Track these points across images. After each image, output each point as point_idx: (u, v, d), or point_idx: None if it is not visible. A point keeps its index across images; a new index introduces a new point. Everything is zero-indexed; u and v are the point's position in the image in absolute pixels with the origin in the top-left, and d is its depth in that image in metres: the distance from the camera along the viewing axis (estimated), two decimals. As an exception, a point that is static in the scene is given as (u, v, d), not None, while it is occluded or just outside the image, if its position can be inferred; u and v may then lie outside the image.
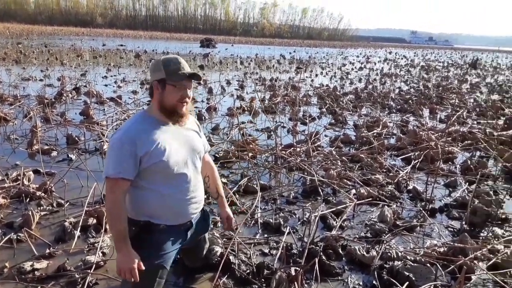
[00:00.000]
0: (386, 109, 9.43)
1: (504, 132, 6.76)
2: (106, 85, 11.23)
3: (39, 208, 3.49)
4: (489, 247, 2.96)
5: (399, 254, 2.85)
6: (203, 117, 7.71)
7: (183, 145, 1.95)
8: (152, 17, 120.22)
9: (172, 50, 29.33)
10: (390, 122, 7.60)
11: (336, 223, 3.40)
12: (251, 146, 5.43)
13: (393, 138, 6.66)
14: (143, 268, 1.83)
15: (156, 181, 1.90)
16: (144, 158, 1.82)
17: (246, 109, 8.63)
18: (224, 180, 4.27)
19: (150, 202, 1.92)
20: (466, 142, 6.23)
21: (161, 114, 1.90)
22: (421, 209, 3.77)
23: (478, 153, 5.94)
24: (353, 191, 4.14)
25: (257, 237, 3.19)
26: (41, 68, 13.84)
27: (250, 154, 5.09)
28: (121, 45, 32.22)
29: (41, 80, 11.45)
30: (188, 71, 1.86)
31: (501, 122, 7.95)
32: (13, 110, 7.19)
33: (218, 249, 2.66)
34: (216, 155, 5.24)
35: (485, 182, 4.74)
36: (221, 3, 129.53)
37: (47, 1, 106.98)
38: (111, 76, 13.35)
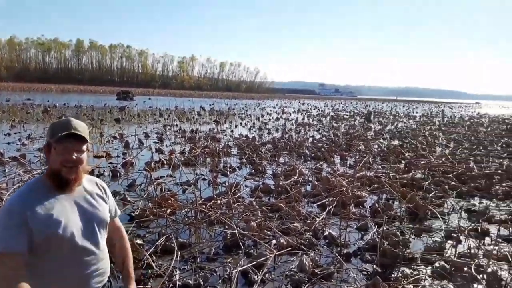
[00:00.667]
0: (302, 157, 9.91)
1: (405, 175, 7.47)
2: (8, 143, 10.26)
3: None
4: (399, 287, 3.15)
5: (319, 303, 2.89)
6: (119, 174, 7.36)
7: (81, 214, 1.81)
8: (64, 70, 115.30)
9: (86, 103, 28.14)
10: (305, 169, 7.97)
11: (257, 277, 3.37)
12: (169, 201, 5.28)
13: (309, 185, 6.97)
14: None
15: (52, 255, 1.72)
16: (36, 231, 1.65)
17: (165, 162, 8.45)
18: (140, 241, 4.04)
19: (46, 279, 1.73)
20: (373, 186, 6.75)
21: (51, 179, 1.77)
22: (337, 254, 3.92)
23: (384, 196, 6.45)
24: (274, 241, 4.18)
25: (175, 301, 3.02)
26: None
27: (168, 211, 4.93)
28: (28, 99, 30.04)
29: None
30: (70, 132, 1.71)
31: (402, 165, 8.80)
32: None
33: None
34: (132, 213, 4.98)
35: (392, 224, 5.12)
36: (139, 57, 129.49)
37: None
38: (15, 133, 12.28)
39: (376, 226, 4.93)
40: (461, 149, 11.95)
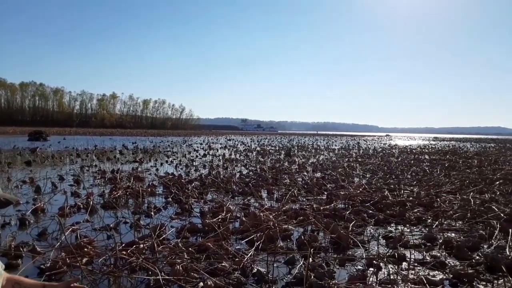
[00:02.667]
0: (230, 193, 9.86)
1: (328, 206, 7.77)
2: None
3: None
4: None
5: None
6: (27, 222, 6.64)
7: None
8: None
9: (-9, 145, 25.44)
10: (233, 206, 7.92)
11: (183, 325, 3.16)
12: (86, 249, 4.85)
13: (237, 221, 6.90)
14: None
15: None
16: None
17: (82, 206, 7.83)
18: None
19: None
20: (299, 218, 6.89)
21: None
22: (266, 292, 3.86)
23: (309, 228, 6.61)
24: (201, 284, 4.00)
25: None
26: None
27: (84, 260, 4.52)
28: None
29: None
30: None
31: (324, 197, 9.17)
32: None
33: None
34: (42, 266, 4.47)
35: (318, 255, 5.22)
36: (53, 95, 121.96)
37: None
38: None
39: (303, 258, 4.99)
40: (376, 178, 12.84)
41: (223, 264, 4.57)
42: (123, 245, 5.12)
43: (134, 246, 5.02)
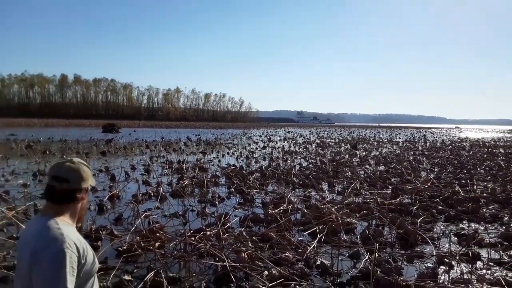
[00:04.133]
0: (290, 185, 9.90)
1: (393, 201, 7.51)
2: (-10, 180, 10.01)
3: None
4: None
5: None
6: (105, 207, 7.22)
7: None
8: (48, 105, 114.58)
9: (71, 137, 27.85)
10: (294, 197, 7.95)
11: (250, 310, 3.28)
12: (158, 234, 5.17)
13: (298, 213, 6.94)
14: None
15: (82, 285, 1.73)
16: (83, 266, 1.69)
17: (152, 194, 8.33)
18: (128, 277, 3.92)
19: None
20: (362, 212, 6.75)
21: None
22: (331, 284, 3.86)
23: (374, 222, 6.45)
24: (266, 272, 4.10)
25: None
26: None
27: (157, 244, 4.82)
28: (12, 135, 29.58)
29: None
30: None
31: (389, 191, 8.87)
32: None
33: None
34: (119, 248, 4.85)
35: (384, 250, 5.09)
36: (123, 90, 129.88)
37: None
38: (-3, 169, 12.01)
39: (368, 253, 4.89)
40: (446, 173, 12.13)
41: (286, 254, 4.64)
42: (191, 231, 5.39)
43: (202, 233, 5.26)
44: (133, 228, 5.65)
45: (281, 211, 6.71)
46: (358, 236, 5.65)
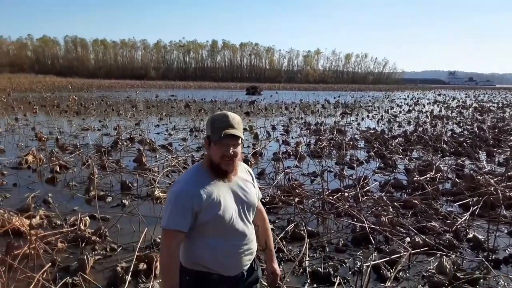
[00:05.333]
0: (439, 152, 9.03)
1: None
2: (158, 133, 11.81)
3: (93, 252, 3.63)
4: None
5: (463, 310, 2.61)
6: (249, 163, 7.80)
7: (236, 199, 1.95)
8: (200, 69, 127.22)
9: (220, 98, 30.53)
10: (444, 166, 7.24)
11: (390, 273, 3.21)
12: (297, 191, 5.39)
13: (448, 183, 6.32)
14: None
15: (210, 234, 1.93)
16: (200, 213, 1.87)
17: (291, 153, 8.65)
18: (271, 226, 4.21)
19: (203, 254, 1.94)
20: (532, 187, 5.75)
21: (212, 169, 1.97)
22: (484, 260, 3.47)
23: (546, 199, 5.44)
24: (408, 239, 3.91)
25: (305, 286, 3.07)
26: (99, 119, 14.89)
27: (296, 199, 5.04)
28: (172, 96, 34.07)
29: (99, 130, 12.29)
30: (227, 132, 1.84)
31: None
32: (73, 158, 7.71)
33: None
34: (262, 200, 5.22)
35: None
36: (266, 53, 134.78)
37: (106, 58, 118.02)
38: (163, 124, 14.05)
39: (535, 233, 4.21)
40: None
41: (432, 223, 4.32)
42: (329, 191, 5.45)
43: (340, 193, 5.27)
44: (275, 182, 6.00)
45: (428, 179, 6.21)
46: (523, 214, 4.87)
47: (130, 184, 5.89)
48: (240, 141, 1.89)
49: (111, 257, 3.59)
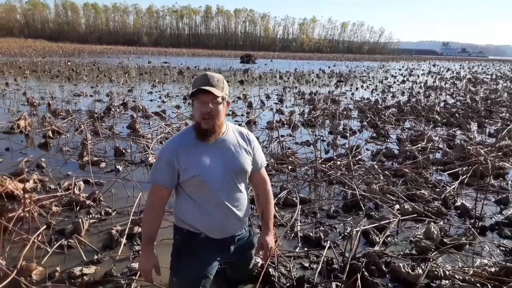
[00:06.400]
0: (431, 122, 9.10)
1: None
2: (151, 100, 11.69)
3: (88, 216, 3.67)
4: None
5: (447, 273, 2.72)
6: (243, 131, 7.81)
7: (221, 162, 1.95)
8: (194, 35, 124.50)
9: (213, 66, 30.08)
10: (435, 136, 7.32)
11: (379, 238, 3.31)
12: (290, 159, 5.44)
13: (439, 152, 6.41)
14: (161, 273, 2.04)
15: (195, 194, 1.96)
16: (181, 171, 1.90)
17: (285, 122, 8.66)
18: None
19: (190, 213, 1.98)
20: (519, 157, 5.87)
21: (196, 131, 1.96)
22: (470, 226, 3.58)
23: (533, 169, 5.57)
24: (397, 206, 4.00)
25: (297, 250, 3.16)
26: (91, 85, 14.66)
27: (289, 167, 5.09)
28: (165, 62, 33.48)
29: (91, 96, 12.12)
30: (201, 87, 1.81)
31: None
32: (66, 124, 7.64)
33: (259, 260, 2.67)
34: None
35: (541, 200, 4.42)
36: (261, 20, 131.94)
37: (97, 22, 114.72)
38: (156, 91, 13.89)
39: (520, 201, 4.33)
40: None
41: (421, 191, 4.42)
42: (322, 159, 5.51)
43: (332, 162, 5.34)
44: (268, 151, 6.04)
45: (419, 148, 6.30)
46: (510, 183, 4.99)
47: (124, 150, 5.89)
48: (219, 100, 1.87)
49: (105, 221, 3.64)
